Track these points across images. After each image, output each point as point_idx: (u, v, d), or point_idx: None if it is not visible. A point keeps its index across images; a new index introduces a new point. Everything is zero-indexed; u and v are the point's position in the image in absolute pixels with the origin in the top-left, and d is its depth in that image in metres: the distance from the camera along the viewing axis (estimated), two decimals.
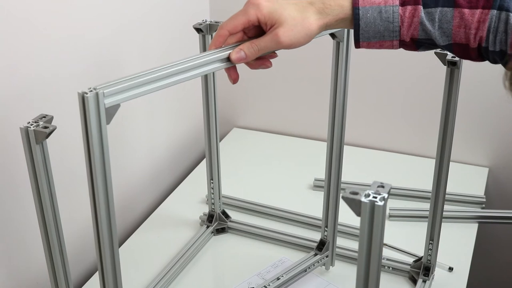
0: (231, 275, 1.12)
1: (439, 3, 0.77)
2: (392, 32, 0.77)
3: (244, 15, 0.78)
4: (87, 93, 0.62)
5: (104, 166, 0.66)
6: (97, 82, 0.61)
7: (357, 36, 0.78)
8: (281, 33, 0.76)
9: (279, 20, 0.76)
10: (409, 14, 0.77)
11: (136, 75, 0.68)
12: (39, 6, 0.95)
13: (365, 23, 0.77)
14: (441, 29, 0.77)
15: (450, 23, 0.76)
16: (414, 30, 0.77)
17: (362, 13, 0.77)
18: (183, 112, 1.45)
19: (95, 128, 0.63)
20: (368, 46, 0.79)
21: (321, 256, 1.09)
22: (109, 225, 0.68)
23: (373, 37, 0.78)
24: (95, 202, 0.66)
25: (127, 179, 1.29)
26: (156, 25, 1.30)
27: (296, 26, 0.76)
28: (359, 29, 0.77)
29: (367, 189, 0.53)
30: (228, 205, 1.28)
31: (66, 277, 0.77)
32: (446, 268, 1.11)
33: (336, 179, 1.04)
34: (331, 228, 1.08)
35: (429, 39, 0.77)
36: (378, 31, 0.77)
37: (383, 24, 0.77)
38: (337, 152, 1.02)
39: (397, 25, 0.77)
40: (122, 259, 1.16)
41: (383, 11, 0.77)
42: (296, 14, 0.77)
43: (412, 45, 0.79)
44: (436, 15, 0.77)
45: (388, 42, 0.79)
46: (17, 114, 0.92)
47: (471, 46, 0.77)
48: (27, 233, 0.99)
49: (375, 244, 0.53)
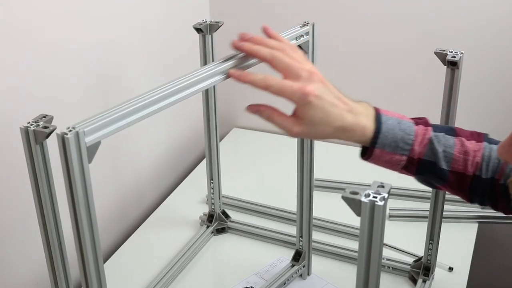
0: (230, 275, 1.12)
1: (444, 130, 0.83)
2: (406, 144, 0.80)
3: (291, 88, 0.76)
4: (67, 133, 0.60)
5: (88, 206, 0.64)
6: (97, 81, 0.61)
7: (375, 140, 0.79)
8: (298, 129, 0.77)
9: (308, 122, 0.77)
10: (421, 131, 0.81)
11: (115, 108, 0.66)
12: (39, 6, 0.95)
13: (386, 128, 0.79)
14: (445, 152, 0.81)
15: (452, 148, 0.81)
16: (424, 147, 0.81)
17: (385, 120, 0.80)
18: (183, 112, 1.45)
19: (77, 169, 0.61)
20: (380, 155, 0.80)
21: (298, 267, 1.09)
22: (96, 266, 0.68)
23: (388, 146, 0.80)
24: (80, 241, 0.66)
25: (127, 179, 1.29)
26: (156, 25, 1.30)
27: (314, 134, 0.79)
28: (379, 133, 0.79)
29: (367, 189, 0.53)
30: (228, 205, 1.28)
31: (66, 277, 0.77)
32: (446, 268, 1.11)
33: (309, 186, 1.02)
34: (306, 238, 1.07)
35: (432, 162, 0.81)
36: (395, 139, 0.80)
37: (400, 134, 0.80)
38: (308, 159, 1.00)
39: (412, 137, 0.80)
40: (122, 259, 1.17)
41: (401, 123, 0.81)
42: (327, 131, 0.78)
43: (415, 166, 0.81)
44: (441, 138, 0.81)
45: (397, 156, 0.80)
46: (17, 114, 0.92)
47: (467, 173, 0.81)
48: (27, 233, 0.99)
49: (375, 244, 0.53)
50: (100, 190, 1.17)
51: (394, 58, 1.42)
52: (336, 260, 1.15)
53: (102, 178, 1.19)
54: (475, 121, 1.41)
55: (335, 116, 0.77)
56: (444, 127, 0.84)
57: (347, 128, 0.78)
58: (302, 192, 1.02)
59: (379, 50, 1.43)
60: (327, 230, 1.22)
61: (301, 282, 1.09)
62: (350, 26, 1.44)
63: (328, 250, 1.15)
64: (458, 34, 1.35)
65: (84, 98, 1.10)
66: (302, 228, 1.06)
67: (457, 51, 0.91)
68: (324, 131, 0.78)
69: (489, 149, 0.82)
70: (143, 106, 0.68)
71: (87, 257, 0.66)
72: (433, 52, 0.91)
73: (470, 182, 0.82)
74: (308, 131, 0.78)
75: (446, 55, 0.91)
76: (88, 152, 0.62)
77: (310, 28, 0.89)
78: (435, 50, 0.91)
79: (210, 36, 1.03)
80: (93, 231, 0.66)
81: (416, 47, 1.39)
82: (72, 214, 0.64)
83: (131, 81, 1.23)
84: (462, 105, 0.98)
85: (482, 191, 0.83)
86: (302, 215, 1.05)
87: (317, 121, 0.77)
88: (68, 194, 0.63)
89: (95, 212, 0.65)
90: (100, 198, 1.16)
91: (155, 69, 1.31)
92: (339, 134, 0.79)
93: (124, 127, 0.66)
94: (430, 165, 0.81)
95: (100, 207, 1.16)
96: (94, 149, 0.63)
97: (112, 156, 1.22)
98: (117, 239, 1.26)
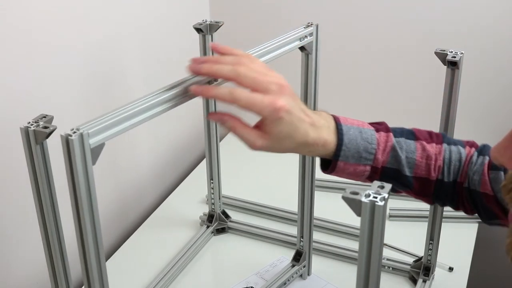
0: (230, 275, 1.12)
1: (404, 135, 0.81)
2: (369, 154, 0.78)
3: (262, 102, 0.71)
4: (71, 135, 0.59)
5: (91, 208, 0.64)
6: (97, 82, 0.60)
7: (338, 153, 0.77)
8: (262, 143, 0.73)
9: (273, 137, 0.73)
10: (383, 138, 0.79)
11: (120, 109, 0.66)
12: (39, 6, 0.95)
13: (348, 139, 0.77)
14: (407, 159, 0.80)
15: (414, 153, 0.80)
16: (387, 155, 0.79)
17: (346, 130, 0.78)
18: (183, 112, 1.45)
19: (81, 171, 0.61)
20: (343, 167, 0.78)
21: (298, 267, 1.09)
22: (99, 267, 0.68)
23: (351, 157, 0.78)
24: (83, 246, 0.66)
25: (127, 179, 1.29)
26: (156, 25, 1.30)
27: (277, 149, 0.75)
28: (342, 145, 0.77)
29: (368, 189, 0.53)
30: (228, 205, 1.28)
31: (66, 277, 0.77)
32: (446, 268, 1.11)
33: (310, 186, 1.01)
34: (307, 238, 1.07)
35: (396, 170, 0.79)
36: (357, 150, 0.77)
37: (363, 144, 0.78)
38: (309, 159, 0.99)
39: (374, 146, 0.78)
40: (122, 260, 1.17)
41: (362, 132, 0.79)
42: (290, 146, 0.74)
43: (378, 175, 0.79)
44: (403, 144, 0.80)
45: (361, 166, 0.79)
46: (17, 114, 0.92)
47: (431, 178, 0.80)
48: (27, 233, 0.99)
49: (375, 244, 0.53)
50: (100, 190, 1.17)
51: (395, 58, 1.42)
52: (336, 260, 1.15)
53: (102, 178, 1.19)
54: (475, 121, 1.42)
55: (300, 131, 0.73)
56: (404, 131, 0.82)
57: (310, 143, 0.75)
58: (303, 192, 1.02)
59: (379, 50, 1.43)
60: (327, 230, 1.22)
61: (301, 282, 1.09)
62: (351, 27, 1.44)
63: (328, 250, 1.15)
64: (458, 34, 1.35)
65: (84, 98, 1.10)
66: (303, 228, 1.06)
67: (457, 51, 0.91)
68: (287, 146, 0.74)
69: (449, 151, 0.81)
70: (147, 108, 0.68)
71: (90, 257, 0.66)
72: (433, 52, 0.91)
73: (433, 187, 0.81)
74: (272, 145, 0.74)
75: (446, 55, 0.91)
76: (92, 154, 0.62)
77: (314, 29, 0.89)
78: (435, 50, 0.91)
79: (210, 36, 1.03)
80: (96, 233, 0.66)
81: (416, 47, 1.39)
82: (76, 215, 0.64)
83: (131, 81, 1.23)
84: (462, 105, 0.98)
85: (445, 195, 0.82)
86: (303, 215, 1.05)
87: (283, 136, 0.73)
88: (71, 196, 0.63)
89: (98, 214, 0.65)
90: (100, 198, 1.15)
91: (155, 69, 1.31)
92: (301, 149, 0.76)
93: (128, 129, 0.66)
94: (394, 173, 0.79)
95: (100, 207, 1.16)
96: (98, 151, 0.63)
97: (112, 156, 1.22)
98: (117, 239, 1.26)
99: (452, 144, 0.82)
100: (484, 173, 0.79)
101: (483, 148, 0.83)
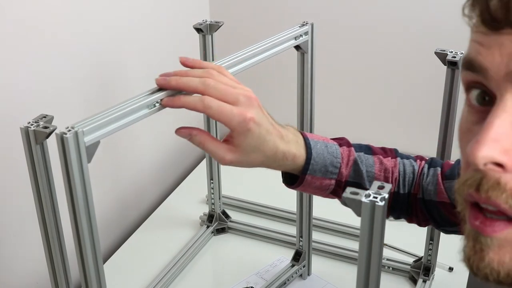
0: (230, 275, 1.12)
1: (362, 149, 0.82)
2: (334, 168, 0.79)
3: (232, 112, 0.70)
4: (66, 133, 0.60)
5: (87, 206, 0.64)
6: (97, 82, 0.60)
7: (307, 166, 0.77)
8: (232, 157, 0.73)
9: (242, 150, 0.72)
10: (346, 152, 0.80)
11: (114, 107, 0.66)
12: (39, 6, 0.95)
13: (316, 153, 0.77)
14: (367, 172, 0.81)
15: (372, 167, 0.81)
16: (350, 169, 0.80)
17: (313, 144, 0.78)
18: (183, 112, 1.45)
19: (76, 168, 0.61)
20: (310, 181, 0.78)
21: (298, 267, 1.09)
22: (96, 267, 0.68)
23: (318, 171, 0.78)
24: (79, 241, 0.66)
25: (127, 179, 1.29)
26: (156, 25, 1.30)
27: (245, 163, 0.75)
28: (311, 159, 0.77)
29: (368, 189, 0.53)
30: (228, 205, 1.28)
31: (66, 277, 0.77)
32: (446, 268, 1.11)
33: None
34: (306, 238, 1.07)
35: (358, 184, 0.80)
36: (324, 164, 0.78)
37: (329, 158, 0.78)
38: None
39: (339, 160, 0.79)
40: (122, 260, 1.17)
41: (328, 146, 0.79)
42: (259, 160, 0.74)
43: (342, 189, 0.79)
44: (363, 158, 0.81)
45: (327, 180, 0.79)
46: (17, 114, 0.92)
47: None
48: (27, 233, 0.99)
49: (375, 244, 0.53)
50: (100, 190, 1.17)
51: (394, 58, 1.42)
52: (336, 260, 1.15)
53: (102, 178, 1.19)
54: None
55: (269, 144, 0.73)
56: (362, 146, 0.83)
57: (279, 157, 0.75)
58: (302, 192, 1.02)
59: (378, 50, 1.43)
60: (327, 230, 1.22)
61: (301, 282, 1.09)
62: (350, 26, 1.43)
63: (328, 250, 1.15)
64: (458, 34, 1.35)
65: (85, 98, 1.10)
66: (302, 228, 1.06)
67: (457, 51, 0.91)
68: (256, 160, 0.74)
69: (403, 164, 0.83)
70: (142, 106, 0.68)
71: (87, 257, 0.66)
72: (433, 52, 0.91)
73: (391, 199, 0.82)
74: (241, 159, 0.73)
75: (446, 55, 0.91)
76: (87, 151, 0.62)
77: (309, 28, 0.89)
78: (435, 50, 0.91)
79: (210, 36, 1.03)
80: (92, 231, 0.66)
81: (416, 47, 1.39)
82: (72, 214, 0.64)
83: (131, 81, 1.23)
84: (462, 105, 0.98)
85: (400, 207, 0.84)
86: (302, 215, 1.05)
87: (251, 149, 0.72)
88: (67, 194, 0.63)
89: (94, 212, 0.65)
90: (100, 198, 1.16)
91: (155, 69, 1.31)
92: (270, 163, 0.76)
93: (123, 127, 0.66)
94: (355, 187, 0.80)
95: (100, 207, 1.16)
96: (93, 149, 0.63)
97: (112, 156, 1.22)
98: (117, 239, 1.26)
99: (405, 158, 0.84)
100: (439, 183, 0.81)
101: (432, 161, 0.85)
